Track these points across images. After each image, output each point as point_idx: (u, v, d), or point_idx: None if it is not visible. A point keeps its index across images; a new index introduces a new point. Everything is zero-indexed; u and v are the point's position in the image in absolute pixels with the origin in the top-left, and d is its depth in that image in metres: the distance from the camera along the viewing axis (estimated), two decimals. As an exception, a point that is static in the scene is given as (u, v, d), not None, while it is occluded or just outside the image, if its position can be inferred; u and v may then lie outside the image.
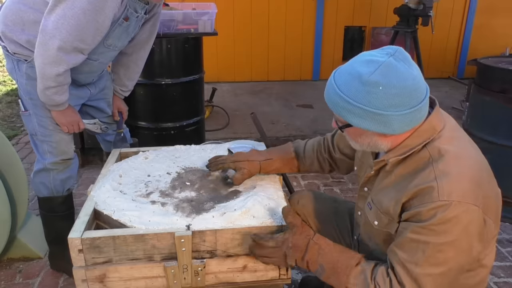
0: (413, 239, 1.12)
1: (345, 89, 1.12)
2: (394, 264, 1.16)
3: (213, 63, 5.68)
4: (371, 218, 1.30)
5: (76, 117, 1.96)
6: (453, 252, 1.10)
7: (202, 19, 3.06)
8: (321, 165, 1.66)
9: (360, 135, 1.20)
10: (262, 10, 5.85)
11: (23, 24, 1.77)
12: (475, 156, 1.19)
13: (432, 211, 1.08)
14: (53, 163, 1.99)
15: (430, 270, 1.11)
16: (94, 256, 1.31)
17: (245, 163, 1.59)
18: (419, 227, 1.11)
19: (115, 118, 2.23)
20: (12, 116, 4.82)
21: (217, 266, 1.38)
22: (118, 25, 1.81)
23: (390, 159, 1.21)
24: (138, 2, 1.82)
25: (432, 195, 1.09)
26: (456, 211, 1.07)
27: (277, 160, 1.64)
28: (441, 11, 5.83)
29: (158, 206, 1.46)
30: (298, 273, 2.23)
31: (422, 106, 1.13)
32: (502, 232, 2.65)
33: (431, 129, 1.18)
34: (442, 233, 1.08)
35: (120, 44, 1.94)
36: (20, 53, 1.81)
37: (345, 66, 1.17)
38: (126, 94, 2.27)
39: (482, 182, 1.14)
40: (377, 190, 1.29)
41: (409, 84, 1.09)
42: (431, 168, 1.13)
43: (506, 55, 5.29)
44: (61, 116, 1.90)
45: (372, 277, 1.18)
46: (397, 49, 1.13)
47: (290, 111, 4.95)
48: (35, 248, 2.35)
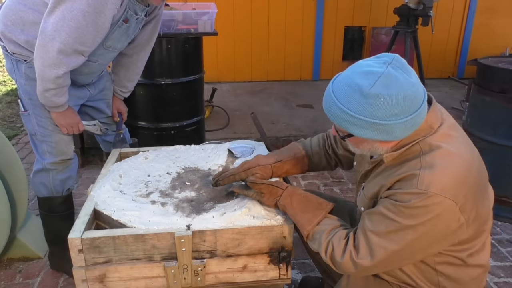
0: (382, 213, 1.18)
1: (346, 102, 1.13)
2: (357, 229, 1.25)
3: (213, 63, 5.67)
4: (359, 204, 1.36)
5: (76, 119, 1.95)
6: (413, 236, 1.15)
7: (202, 19, 3.06)
8: (328, 161, 1.66)
9: (361, 142, 1.22)
10: (262, 10, 5.85)
11: (22, 24, 1.77)
12: (467, 156, 1.20)
13: (407, 195, 1.13)
14: (53, 163, 1.99)
15: (386, 244, 1.17)
16: (94, 256, 1.31)
17: (257, 168, 1.54)
18: (391, 204, 1.16)
19: (115, 119, 2.22)
20: (12, 116, 4.82)
21: (217, 266, 1.38)
22: (117, 27, 1.81)
23: (385, 155, 1.23)
24: (138, 4, 1.81)
25: (412, 182, 1.14)
26: (430, 201, 1.11)
27: (288, 162, 1.61)
28: (441, 11, 5.83)
29: (158, 206, 1.46)
30: (298, 273, 2.23)
31: (422, 110, 1.14)
32: (502, 232, 2.64)
33: (427, 128, 1.20)
34: (410, 217, 1.13)
35: (119, 46, 1.94)
36: (19, 53, 1.81)
37: (343, 77, 1.17)
38: (126, 95, 2.26)
39: (467, 182, 1.16)
40: (369, 180, 1.33)
41: (409, 93, 1.10)
42: (418, 159, 1.17)
43: (506, 55, 5.29)
44: (61, 117, 1.89)
45: (328, 238, 1.28)
46: (393, 57, 1.14)
47: (290, 111, 4.95)
48: (35, 248, 2.35)
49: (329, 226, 1.32)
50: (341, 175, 3.40)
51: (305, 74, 6.26)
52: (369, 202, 1.30)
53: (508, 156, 2.60)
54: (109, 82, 2.20)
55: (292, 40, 6.04)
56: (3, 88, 5.87)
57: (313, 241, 1.34)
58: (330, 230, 1.30)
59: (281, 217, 1.42)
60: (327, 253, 1.26)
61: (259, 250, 1.38)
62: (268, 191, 1.43)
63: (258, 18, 5.88)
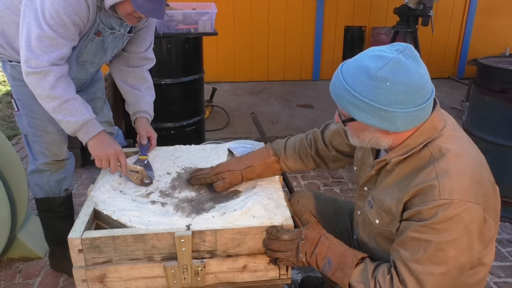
0: (414, 237, 1.12)
1: (352, 83, 1.12)
2: (396, 262, 1.17)
3: (213, 63, 5.68)
4: (372, 217, 1.31)
5: (115, 148, 1.66)
6: (454, 251, 1.10)
7: (202, 19, 3.06)
8: (304, 163, 1.65)
9: (362, 130, 1.20)
10: (262, 10, 5.85)
11: (2, 25, 1.73)
12: (475, 155, 1.19)
13: (433, 209, 1.09)
14: (45, 164, 1.93)
15: (431, 269, 1.11)
16: (94, 256, 1.31)
17: (226, 173, 1.58)
18: (420, 226, 1.11)
19: (143, 142, 1.90)
20: (12, 116, 4.81)
21: (217, 266, 1.38)
22: (89, 40, 1.71)
23: (392, 159, 1.21)
24: (114, 18, 1.70)
25: (434, 194, 1.09)
26: (457, 209, 1.07)
27: (258, 167, 1.61)
28: (441, 11, 5.83)
29: (158, 206, 1.46)
30: (298, 273, 2.23)
31: (427, 106, 1.13)
32: (502, 232, 2.64)
33: (432, 129, 1.18)
34: (443, 231, 1.08)
35: (97, 60, 1.84)
36: (3, 53, 1.78)
37: (353, 60, 1.16)
38: (150, 115, 2.05)
39: (483, 180, 1.15)
40: (378, 189, 1.29)
41: (416, 82, 1.09)
42: (432, 166, 1.13)
43: (506, 55, 5.30)
44: (96, 144, 1.64)
45: (373, 274, 1.20)
46: (406, 46, 1.13)
47: (290, 111, 4.95)
48: (35, 248, 2.35)
49: (371, 263, 1.24)
50: (341, 175, 3.40)
51: (305, 74, 6.26)
52: (386, 217, 1.25)
53: (508, 156, 2.60)
54: (100, 91, 2.10)
55: (292, 40, 6.04)
56: (3, 88, 5.87)
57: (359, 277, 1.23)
58: (375, 266, 1.22)
59: (281, 217, 1.42)
60: None
61: (259, 250, 1.38)
62: (314, 222, 1.44)
63: (258, 18, 5.88)
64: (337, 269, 1.26)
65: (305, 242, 1.33)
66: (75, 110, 1.61)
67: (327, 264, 1.29)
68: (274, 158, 1.63)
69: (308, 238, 1.33)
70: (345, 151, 1.57)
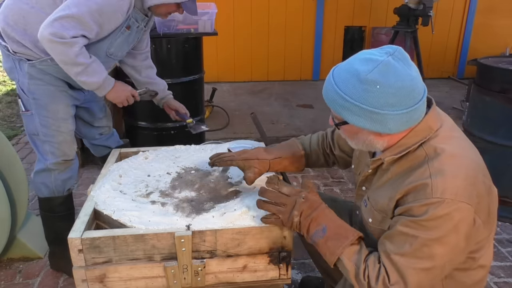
0: (402, 232, 1.13)
1: (343, 87, 1.13)
2: (381, 255, 1.17)
3: (213, 63, 5.68)
4: (366, 216, 1.31)
5: (128, 89, 1.96)
6: (440, 248, 1.11)
7: (202, 19, 3.06)
8: (326, 159, 1.66)
9: (356, 133, 1.21)
10: (262, 10, 5.85)
11: (25, 24, 1.77)
12: (471, 156, 1.19)
13: (424, 207, 1.10)
14: (55, 164, 1.99)
15: (415, 263, 1.11)
16: (94, 256, 1.31)
17: (255, 161, 1.53)
18: (409, 221, 1.12)
19: (182, 111, 2.28)
20: (12, 116, 4.82)
21: (217, 266, 1.38)
22: (121, 33, 1.86)
23: (386, 158, 1.21)
24: (139, 13, 1.88)
25: (426, 192, 1.10)
26: (448, 208, 1.08)
27: (286, 159, 1.60)
28: (441, 11, 5.83)
29: (158, 206, 1.46)
30: (298, 273, 2.23)
31: (419, 107, 1.13)
32: (502, 232, 2.64)
33: (427, 129, 1.18)
34: (432, 228, 1.09)
35: (120, 54, 2.01)
36: (22, 52, 1.81)
37: (344, 63, 1.17)
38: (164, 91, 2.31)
39: (477, 181, 1.15)
40: (374, 188, 1.30)
41: (406, 84, 1.09)
42: (426, 166, 1.14)
43: (506, 55, 5.30)
44: (114, 94, 1.90)
45: (365, 259, 1.19)
46: (396, 49, 1.14)
47: (290, 111, 4.95)
48: (35, 248, 2.35)
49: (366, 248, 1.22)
50: (341, 175, 3.40)
51: (305, 74, 6.26)
52: (378, 215, 1.25)
53: (508, 156, 2.60)
54: None
55: (292, 40, 6.04)
56: (3, 88, 5.87)
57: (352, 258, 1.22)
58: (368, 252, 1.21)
59: (281, 217, 1.41)
60: (365, 275, 1.17)
61: (259, 250, 1.38)
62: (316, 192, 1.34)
63: (258, 18, 5.89)
64: (332, 238, 1.22)
65: (304, 201, 1.28)
66: (95, 71, 1.80)
67: (320, 231, 1.24)
68: (303, 152, 1.63)
69: (308, 199, 1.28)
70: (348, 150, 1.57)
